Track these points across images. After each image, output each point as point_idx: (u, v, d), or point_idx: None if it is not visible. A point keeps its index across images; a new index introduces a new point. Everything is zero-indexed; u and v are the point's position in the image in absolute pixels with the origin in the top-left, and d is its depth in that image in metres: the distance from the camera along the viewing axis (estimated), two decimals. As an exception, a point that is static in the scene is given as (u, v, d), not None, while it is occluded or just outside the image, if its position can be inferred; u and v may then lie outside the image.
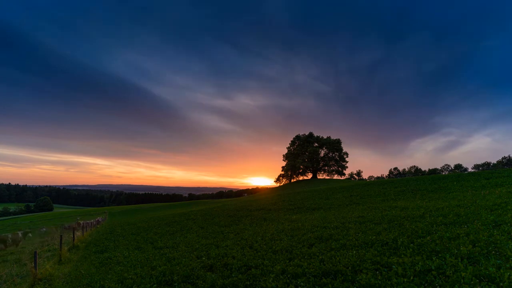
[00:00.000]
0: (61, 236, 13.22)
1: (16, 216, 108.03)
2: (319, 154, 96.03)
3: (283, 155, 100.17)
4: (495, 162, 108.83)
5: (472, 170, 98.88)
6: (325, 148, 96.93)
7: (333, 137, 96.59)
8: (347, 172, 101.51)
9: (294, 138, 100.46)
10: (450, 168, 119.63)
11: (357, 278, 5.54)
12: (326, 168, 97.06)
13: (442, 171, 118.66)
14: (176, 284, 6.90)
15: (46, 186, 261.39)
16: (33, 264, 9.30)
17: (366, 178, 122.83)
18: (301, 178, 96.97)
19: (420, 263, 5.73)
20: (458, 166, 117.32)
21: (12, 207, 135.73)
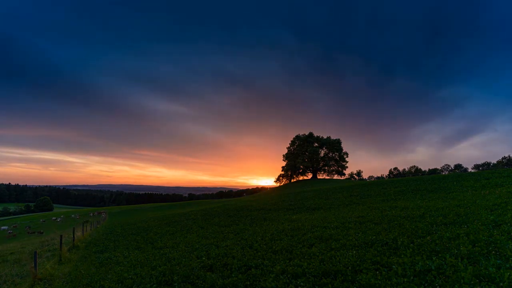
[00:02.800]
0: (61, 236, 13.23)
1: (16, 216, 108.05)
2: (319, 154, 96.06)
3: (283, 155, 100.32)
4: (495, 162, 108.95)
5: (472, 170, 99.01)
6: (325, 148, 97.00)
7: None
8: (347, 172, 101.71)
9: (294, 138, 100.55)
10: (450, 168, 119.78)
11: (357, 278, 5.53)
12: (326, 168, 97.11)
13: (442, 171, 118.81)
14: (176, 284, 6.89)
15: (46, 186, 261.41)
16: (33, 264, 9.30)
17: (366, 178, 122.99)
18: (301, 178, 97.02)
19: (420, 263, 5.73)
20: (458, 166, 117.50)
21: (12, 207, 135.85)
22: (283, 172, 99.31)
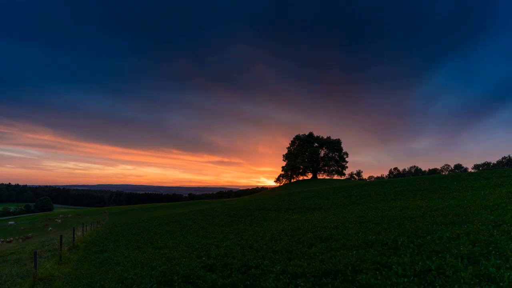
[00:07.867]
0: (61, 236, 13.23)
1: (16, 216, 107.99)
2: (319, 154, 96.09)
3: (283, 155, 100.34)
4: (495, 162, 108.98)
5: (472, 170, 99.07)
6: (325, 148, 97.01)
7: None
8: (347, 172, 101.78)
9: (294, 138, 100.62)
10: (450, 168, 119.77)
11: (357, 278, 5.53)
12: (326, 168, 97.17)
13: (442, 171, 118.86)
14: (176, 284, 6.89)
15: (46, 186, 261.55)
16: (33, 264, 9.30)
17: (366, 178, 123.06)
18: (301, 178, 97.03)
19: (420, 263, 5.73)
20: (458, 166, 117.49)
21: (12, 207, 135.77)
22: (283, 172, 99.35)
